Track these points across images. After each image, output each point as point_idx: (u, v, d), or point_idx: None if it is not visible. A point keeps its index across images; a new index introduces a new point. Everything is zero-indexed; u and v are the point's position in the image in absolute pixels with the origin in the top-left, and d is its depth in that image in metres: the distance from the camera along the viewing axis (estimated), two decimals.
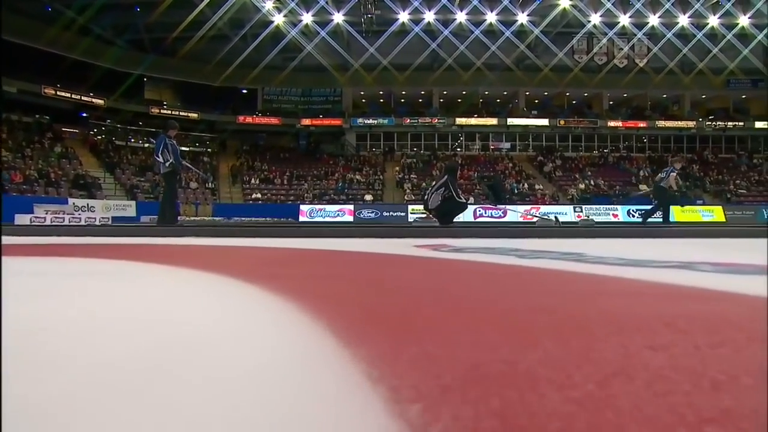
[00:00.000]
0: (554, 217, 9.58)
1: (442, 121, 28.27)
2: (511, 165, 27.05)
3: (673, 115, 29.70)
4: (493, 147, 29.19)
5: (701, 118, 28.76)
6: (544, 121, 28.60)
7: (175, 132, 6.84)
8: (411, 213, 19.30)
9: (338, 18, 23.71)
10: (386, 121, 28.46)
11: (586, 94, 29.57)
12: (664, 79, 26.10)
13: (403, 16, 23.67)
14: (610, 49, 26.39)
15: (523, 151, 29.02)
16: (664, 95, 29.51)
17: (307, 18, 23.62)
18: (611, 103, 30.05)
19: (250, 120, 28.20)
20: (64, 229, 6.79)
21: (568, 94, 29.47)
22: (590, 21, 24.22)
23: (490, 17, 23.74)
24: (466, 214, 8.80)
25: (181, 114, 26.76)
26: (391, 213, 20.38)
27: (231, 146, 28.11)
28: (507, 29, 23.86)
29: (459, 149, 28.87)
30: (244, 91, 28.64)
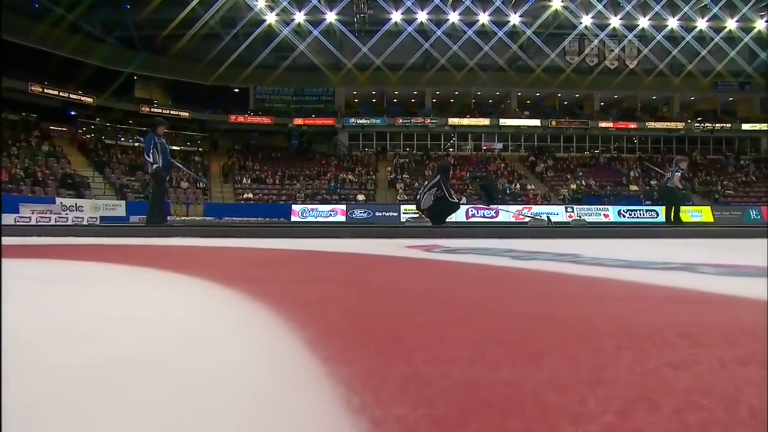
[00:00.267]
0: (546, 217, 9.55)
1: (434, 121, 28.27)
2: (503, 165, 27.11)
3: (663, 117, 29.99)
4: (485, 147, 29.25)
5: (690, 120, 29.08)
6: (536, 122, 28.73)
7: (163, 130, 6.70)
8: (403, 213, 19.26)
9: (331, 17, 23.59)
10: (379, 121, 28.39)
11: (577, 95, 29.75)
12: (654, 81, 26.36)
13: (396, 16, 23.62)
14: (601, 51, 26.58)
15: (515, 151, 29.12)
16: (654, 97, 29.80)
17: (300, 17, 23.48)
18: (602, 104, 30.29)
19: (242, 119, 27.98)
20: (48, 229, 6.63)
21: (559, 95, 29.62)
22: (582, 22, 24.37)
23: (483, 18, 23.79)
24: (458, 214, 8.74)
25: (172, 113, 26.52)
26: (384, 213, 20.32)
27: (222, 146, 27.87)
28: (499, 30, 23.93)
29: (451, 149, 28.87)
30: (236, 90, 28.43)
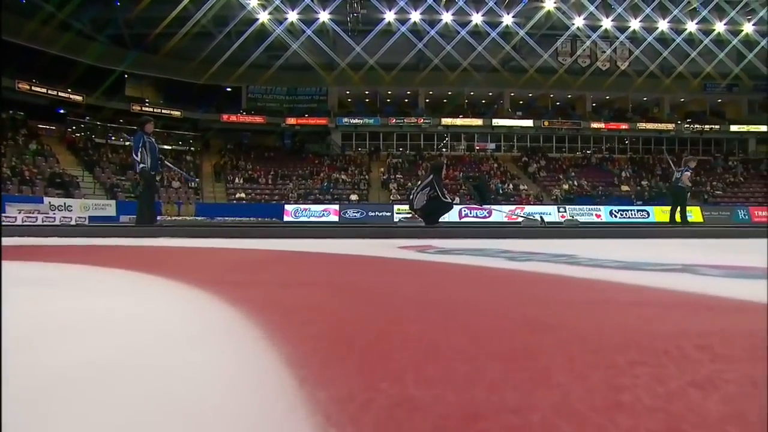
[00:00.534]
0: (540, 217, 9.53)
1: (427, 121, 28.24)
2: (496, 165, 27.16)
3: (654, 118, 30.24)
4: (478, 147, 29.29)
5: (680, 121, 29.34)
6: (529, 122, 28.82)
7: (152, 127, 6.54)
8: (396, 213, 19.20)
9: (324, 17, 23.47)
10: (372, 121, 28.30)
11: (569, 96, 29.89)
12: (645, 82, 26.56)
13: (390, 16, 23.55)
14: (593, 52, 26.74)
15: (507, 151, 29.18)
16: (645, 98, 30.04)
17: (293, 16, 23.33)
18: (594, 104, 30.48)
19: (234, 118, 27.76)
20: (35, 230, 6.48)
21: (552, 96, 29.74)
22: (574, 24, 24.49)
23: (476, 18, 23.81)
24: (451, 214, 8.68)
25: (164, 112, 26.26)
26: (377, 213, 20.24)
27: (215, 145, 27.63)
28: (493, 30, 23.96)
29: (444, 149, 28.86)
30: (229, 90, 28.20)
